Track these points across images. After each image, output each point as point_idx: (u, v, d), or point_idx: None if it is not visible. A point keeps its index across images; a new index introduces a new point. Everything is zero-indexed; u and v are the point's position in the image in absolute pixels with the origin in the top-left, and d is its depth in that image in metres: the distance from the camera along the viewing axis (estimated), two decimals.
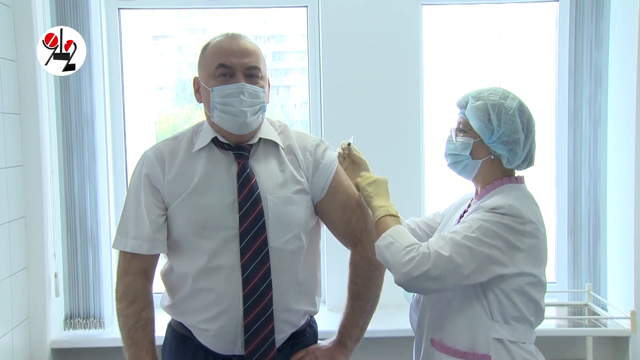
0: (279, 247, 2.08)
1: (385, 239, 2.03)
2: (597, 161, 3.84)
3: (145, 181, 2.12)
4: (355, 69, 3.85)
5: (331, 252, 3.61)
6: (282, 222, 2.08)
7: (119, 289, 2.14)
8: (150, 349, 2.11)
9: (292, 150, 2.19)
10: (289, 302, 2.13)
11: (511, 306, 2.01)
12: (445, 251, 1.94)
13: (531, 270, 2.00)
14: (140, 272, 2.14)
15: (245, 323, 2.06)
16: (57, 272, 3.65)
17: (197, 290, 2.10)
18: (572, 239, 3.87)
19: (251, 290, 2.04)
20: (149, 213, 2.10)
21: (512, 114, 2.06)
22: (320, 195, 2.18)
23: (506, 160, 2.09)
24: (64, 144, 3.65)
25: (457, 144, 2.14)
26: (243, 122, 2.06)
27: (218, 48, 2.08)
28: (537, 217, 2.04)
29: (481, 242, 1.95)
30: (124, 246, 2.13)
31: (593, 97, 3.81)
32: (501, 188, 2.10)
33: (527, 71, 4.19)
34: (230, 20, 4.19)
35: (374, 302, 2.25)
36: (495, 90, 2.11)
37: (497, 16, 4.21)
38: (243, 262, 2.04)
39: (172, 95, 4.37)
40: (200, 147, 2.12)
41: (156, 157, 2.15)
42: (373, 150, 2.32)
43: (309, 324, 2.29)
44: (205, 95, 2.10)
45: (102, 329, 3.71)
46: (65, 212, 3.68)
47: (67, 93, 3.63)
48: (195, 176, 2.09)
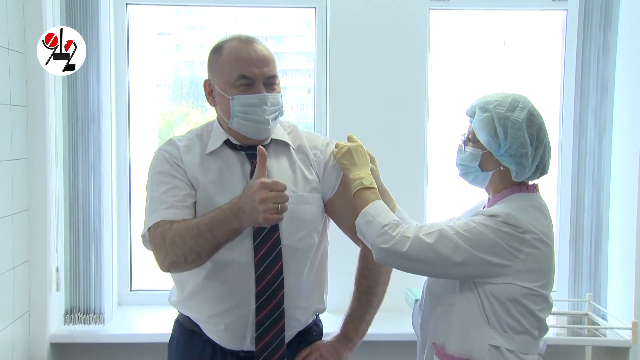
0: (291, 245, 2.14)
1: (364, 217, 2.09)
2: (600, 170, 3.87)
3: (171, 162, 2.15)
4: (362, 71, 3.87)
5: (332, 255, 3.52)
6: (295, 221, 2.13)
7: (156, 243, 2.05)
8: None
9: (303, 149, 2.26)
10: (299, 300, 2.18)
11: (506, 314, 2.02)
12: (430, 238, 1.99)
13: (527, 283, 2.00)
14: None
15: (257, 320, 2.11)
16: (58, 267, 3.67)
17: (209, 283, 2.13)
18: (574, 247, 3.90)
19: (264, 287, 2.09)
20: (180, 189, 2.11)
21: (518, 127, 2.05)
22: (331, 193, 2.25)
23: (515, 174, 2.10)
24: (69, 138, 3.67)
25: (466, 154, 2.15)
26: (265, 129, 2.14)
27: (236, 56, 2.12)
28: (542, 228, 2.04)
29: (472, 242, 1.98)
30: (157, 217, 2.06)
31: (599, 107, 3.83)
32: (509, 197, 2.10)
33: (532, 79, 4.22)
34: (229, 19, 4.22)
35: (381, 297, 2.32)
36: (502, 101, 2.09)
37: (501, 23, 4.25)
38: (257, 260, 2.09)
39: (168, 93, 4.39)
40: (213, 149, 2.18)
41: (175, 149, 2.19)
42: (377, 153, 2.35)
43: (315, 323, 2.35)
44: (223, 102, 2.14)
45: (102, 324, 3.71)
46: (69, 206, 3.69)
47: (74, 87, 3.66)
48: (209, 175, 2.15)
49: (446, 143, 2.17)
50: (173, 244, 1.99)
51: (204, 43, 4.35)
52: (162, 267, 2.08)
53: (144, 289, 4.14)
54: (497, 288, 2.00)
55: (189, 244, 1.98)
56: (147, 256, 2.33)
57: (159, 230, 2.04)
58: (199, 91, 3.79)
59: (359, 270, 2.31)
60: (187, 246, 1.98)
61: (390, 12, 3.87)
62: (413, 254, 1.99)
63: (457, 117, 2.28)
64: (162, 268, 2.09)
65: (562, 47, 4.05)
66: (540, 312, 2.06)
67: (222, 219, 1.95)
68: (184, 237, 1.98)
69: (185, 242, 1.98)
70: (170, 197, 2.08)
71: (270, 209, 1.88)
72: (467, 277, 2.03)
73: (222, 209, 1.98)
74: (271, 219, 1.90)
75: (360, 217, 2.11)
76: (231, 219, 1.95)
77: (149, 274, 4.09)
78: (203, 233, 1.97)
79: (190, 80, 4.35)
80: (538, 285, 2.03)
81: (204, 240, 1.97)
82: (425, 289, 2.25)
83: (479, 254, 1.98)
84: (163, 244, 2.02)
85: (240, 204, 1.94)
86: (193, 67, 4.42)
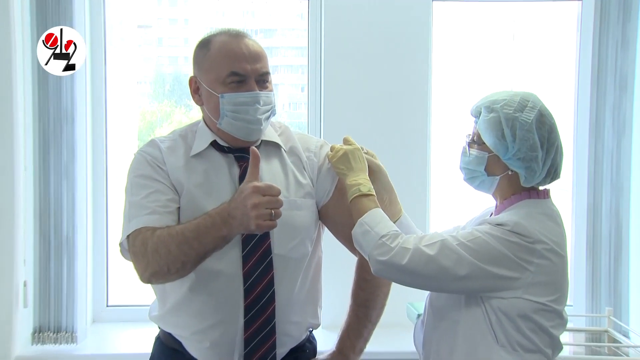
0: (283, 255, 2.11)
1: (361, 226, 2.07)
2: (619, 175, 3.82)
3: (153, 164, 2.12)
4: (360, 68, 3.84)
5: (328, 265, 3.50)
6: (287, 228, 2.10)
7: (137, 252, 1.99)
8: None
9: (295, 151, 2.24)
10: (292, 315, 2.16)
11: (516, 331, 1.98)
12: (432, 250, 1.96)
13: (538, 297, 1.97)
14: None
15: (246, 336, 2.07)
16: (26, 281, 3.59)
17: (193, 296, 2.09)
18: (591, 258, 3.84)
19: (253, 300, 2.06)
20: (162, 194, 2.08)
21: (527, 129, 2.02)
22: (326, 198, 2.22)
23: (524, 179, 2.07)
24: (40, 140, 3.61)
25: (471, 157, 2.13)
26: (257, 129, 2.12)
27: (227, 51, 2.10)
28: (554, 238, 2.01)
29: (476, 254, 1.95)
30: (137, 224, 2.02)
31: (617, 105, 3.78)
32: (518, 204, 2.08)
33: (544, 75, 4.20)
34: (215, 11, 4.22)
35: (380, 312, 2.29)
36: (510, 100, 2.06)
37: (510, 15, 4.24)
38: (246, 270, 2.06)
39: (149, 91, 4.39)
40: (199, 151, 2.15)
41: (157, 150, 2.16)
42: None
43: (308, 339, 2.31)
44: (212, 101, 2.12)
45: (74, 344, 3.63)
46: (39, 213, 3.63)
47: (45, 84, 3.58)
48: (195, 179, 2.12)
49: (451, 145, 2.18)
50: (155, 252, 1.96)
51: (188, 37, 4.34)
52: (142, 278, 2.04)
53: (121, 304, 4.09)
54: (505, 303, 1.97)
55: (173, 253, 1.94)
56: (126, 268, 2.30)
57: (139, 237, 2.01)
58: (183, 89, 3.93)
59: (356, 282, 2.29)
60: (171, 255, 1.94)
61: (390, 3, 3.85)
62: (413, 267, 1.97)
63: (462, 117, 2.40)
64: (143, 279, 2.04)
65: (577, 41, 4.00)
66: (553, 329, 2.02)
67: (210, 225, 1.92)
68: (167, 245, 1.95)
69: (169, 251, 1.94)
70: (152, 202, 2.05)
71: (263, 215, 1.85)
72: (472, 291, 2.01)
73: (210, 215, 1.94)
74: (264, 226, 1.87)
75: (357, 227, 2.09)
76: (220, 226, 1.91)
77: (127, 287, 4.03)
78: (189, 240, 1.93)
79: (173, 77, 4.33)
80: (550, 299, 1.99)
81: (189, 249, 1.93)
82: (428, 304, 2.22)
83: (485, 266, 1.95)
84: (144, 252, 1.98)
85: (230, 209, 1.90)
86: (176, 62, 4.42)
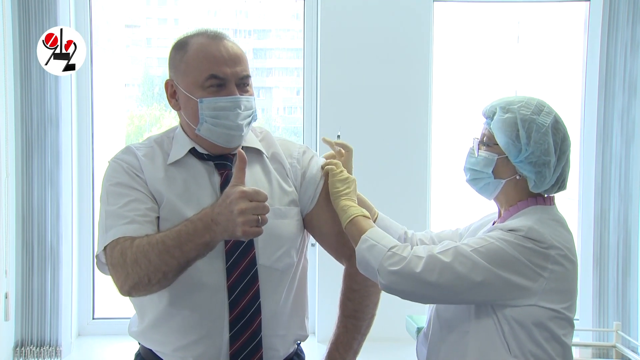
0: (268, 266, 2.07)
1: (365, 242, 2.05)
2: (628, 183, 3.84)
3: (130, 173, 2.07)
4: (357, 70, 3.86)
5: (323, 277, 3.54)
6: (273, 238, 2.07)
7: (115, 263, 1.95)
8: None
9: (278, 158, 2.21)
10: (278, 327, 2.12)
11: (530, 341, 1.97)
12: (446, 257, 1.95)
13: (552, 304, 1.96)
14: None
15: (232, 352, 2.03)
16: (8, 292, 3.60)
17: (174, 310, 2.04)
18: (598, 270, 3.87)
19: (239, 314, 2.02)
20: (141, 202, 2.03)
21: (544, 132, 2.03)
22: (310, 205, 2.20)
23: (533, 184, 2.06)
24: (22, 144, 3.63)
25: (479, 158, 2.12)
26: (238, 136, 2.08)
27: (205, 53, 2.06)
28: (566, 244, 2.00)
29: (491, 260, 1.94)
30: (115, 234, 1.97)
31: (626, 110, 3.81)
32: (525, 210, 2.07)
33: (549, 79, 4.21)
34: (206, 10, 4.20)
35: (370, 322, 2.26)
36: (528, 102, 2.07)
37: (515, 16, 4.24)
38: (230, 283, 2.02)
39: (137, 94, 4.37)
40: (176, 159, 2.11)
41: (134, 158, 2.11)
42: (375, 160, 2.30)
43: (296, 352, 2.28)
44: (190, 105, 2.07)
45: (58, 358, 3.65)
46: (21, 222, 3.65)
47: (28, 86, 3.61)
48: (174, 189, 2.07)
49: (451, 149, 2.15)
50: (135, 263, 1.91)
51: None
52: (122, 290, 1.98)
53: (108, 317, 4.09)
54: (519, 311, 1.97)
55: (153, 263, 1.89)
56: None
57: (118, 248, 1.95)
58: None
59: (344, 292, 2.25)
60: (152, 265, 1.89)
61: (389, 4, 3.86)
62: (427, 274, 1.96)
63: (463, 120, 2.17)
64: (122, 292, 1.98)
65: (584, 43, 4.03)
66: (565, 337, 2.02)
67: (192, 231, 1.88)
68: (147, 255, 1.90)
69: (149, 261, 1.89)
70: (131, 212, 2.00)
71: (250, 222, 1.81)
72: (487, 300, 1.99)
73: (192, 221, 1.89)
74: (250, 232, 1.82)
75: (361, 243, 2.07)
76: (202, 232, 1.87)
77: (114, 299, 3.82)
78: (170, 249, 1.88)
79: (163, 79, 4.24)
80: (564, 306, 2.00)
81: (170, 258, 1.88)
82: (434, 316, 2.18)
83: (499, 272, 1.94)
84: (123, 263, 1.93)
85: (214, 214, 1.86)
86: (166, 64, 4.30)
